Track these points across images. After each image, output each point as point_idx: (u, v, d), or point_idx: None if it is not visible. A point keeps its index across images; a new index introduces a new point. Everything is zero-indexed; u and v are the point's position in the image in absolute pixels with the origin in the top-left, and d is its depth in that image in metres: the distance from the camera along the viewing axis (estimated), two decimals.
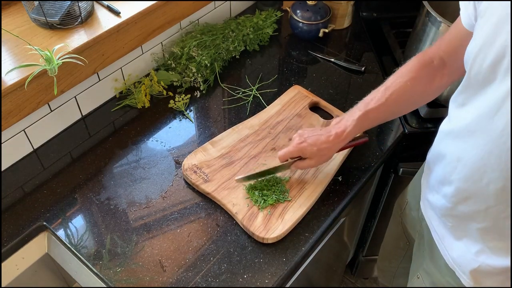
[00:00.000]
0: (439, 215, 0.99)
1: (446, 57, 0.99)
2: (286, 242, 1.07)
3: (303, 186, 1.15)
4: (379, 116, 1.06)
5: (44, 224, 1.10)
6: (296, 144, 1.07)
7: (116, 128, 1.30)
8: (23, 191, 1.16)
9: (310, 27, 1.54)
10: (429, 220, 1.05)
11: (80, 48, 1.13)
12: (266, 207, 1.10)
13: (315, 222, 1.11)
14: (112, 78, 1.34)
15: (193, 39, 1.43)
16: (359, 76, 1.49)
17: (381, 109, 1.03)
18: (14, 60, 1.08)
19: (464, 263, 0.94)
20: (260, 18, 1.58)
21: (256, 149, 1.23)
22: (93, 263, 1.03)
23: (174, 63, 1.41)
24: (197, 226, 1.09)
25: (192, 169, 1.17)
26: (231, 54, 1.50)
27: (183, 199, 1.14)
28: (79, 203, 1.13)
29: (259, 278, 1.01)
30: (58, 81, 1.13)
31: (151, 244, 1.06)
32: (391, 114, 1.10)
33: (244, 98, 1.39)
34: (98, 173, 1.19)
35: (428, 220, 1.05)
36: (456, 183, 0.88)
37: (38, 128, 1.21)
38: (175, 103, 1.33)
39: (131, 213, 1.12)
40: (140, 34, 1.28)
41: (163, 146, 1.26)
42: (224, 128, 1.29)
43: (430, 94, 1.06)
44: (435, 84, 1.02)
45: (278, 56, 1.55)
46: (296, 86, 1.41)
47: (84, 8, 1.17)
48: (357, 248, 1.91)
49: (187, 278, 1.01)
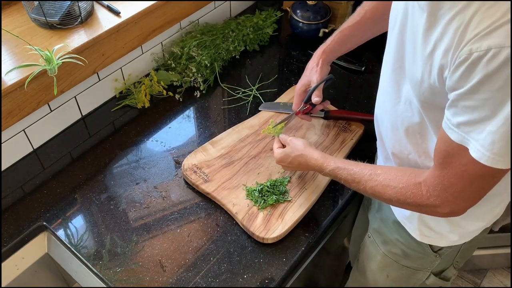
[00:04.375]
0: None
1: None
2: (286, 242, 1.07)
3: (303, 186, 1.15)
4: (356, 33, 1.15)
5: (44, 224, 1.10)
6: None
7: (116, 128, 1.30)
8: (23, 191, 1.16)
9: (310, 27, 1.54)
10: None
11: (80, 48, 1.13)
12: (266, 207, 1.10)
13: (315, 222, 1.11)
14: (112, 78, 1.34)
15: (193, 39, 1.43)
16: (359, 76, 1.49)
17: (356, 26, 1.13)
18: (14, 60, 1.08)
19: (410, 219, 1.02)
20: (260, 18, 1.58)
21: (256, 149, 1.23)
22: (93, 263, 1.03)
23: (174, 63, 1.41)
24: (197, 226, 1.09)
25: (192, 169, 1.17)
26: (231, 54, 1.50)
27: (183, 199, 1.14)
28: (79, 203, 1.13)
29: (259, 278, 1.01)
30: (58, 81, 1.13)
31: (151, 244, 1.06)
32: (368, 30, 1.15)
33: (244, 98, 1.39)
34: (98, 173, 1.19)
35: None
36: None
37: (38, 128, 1.21)
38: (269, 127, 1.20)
39: (131, 213, 1.12)
40: (140, 34, 1.28)
41: (163, 146, 1.26)
42: (224, 128, 1.29)
43: None
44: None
45: (278, 56, 1.55)
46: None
47: (84, 8, 1.17)
48: None
49: (187, 278, 1.01)
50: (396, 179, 0.86)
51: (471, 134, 0.68)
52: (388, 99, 0.93)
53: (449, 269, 1.14)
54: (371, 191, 0.90)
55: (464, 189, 0.75)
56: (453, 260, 1.11)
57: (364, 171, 0.92)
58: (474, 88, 0.65)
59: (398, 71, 0.87)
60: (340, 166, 0.96)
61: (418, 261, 1.09)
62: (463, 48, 0.65)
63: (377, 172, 0.90)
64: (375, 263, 1.18)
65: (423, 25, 0.74)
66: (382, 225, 1.12)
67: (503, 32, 0.61)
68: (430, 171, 0.81)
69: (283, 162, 1.09)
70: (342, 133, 1.28)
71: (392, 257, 1.12)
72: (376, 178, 0.89)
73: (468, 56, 0.64)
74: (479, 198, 0.78)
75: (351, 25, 1.14)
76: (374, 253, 1.17)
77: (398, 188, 0.85)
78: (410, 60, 0.81)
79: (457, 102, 0.69)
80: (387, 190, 0.87)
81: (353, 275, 1.35)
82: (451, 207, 0.79)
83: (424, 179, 0.81)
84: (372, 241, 1.17)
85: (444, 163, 0.76)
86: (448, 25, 0.68)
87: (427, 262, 1.09)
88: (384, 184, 0.87)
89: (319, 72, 1.15)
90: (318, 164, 1.01)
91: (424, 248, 1.05)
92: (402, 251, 1.09)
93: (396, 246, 1.09)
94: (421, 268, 1.11)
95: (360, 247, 1.24)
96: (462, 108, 0.69)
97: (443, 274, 1.14)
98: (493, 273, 2.07)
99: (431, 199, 0.80)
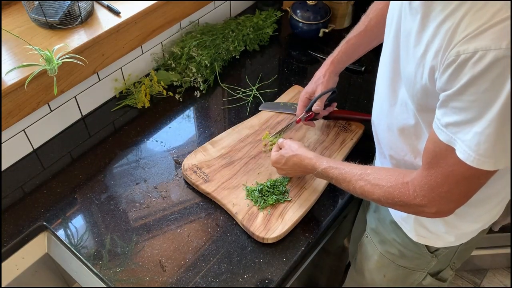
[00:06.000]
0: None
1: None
2: (286, 242, 1.07)
3: (303, 186, 1.15)
4: (362, 42, 1.15)
5: (44, 224, 1.10)
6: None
7: (116, 128, 1.30)
8: (23, 191, 1.16)
9: (310, 27, 1.54)
10: None
11: (80, 48, 1.13)
12: (266, 207, 1.10)
13: (315, 222, 1.11)
14: (112, 78, 1.34)
15: (193, 39, 1.43)
16: (359, 76, 1.49)
17: (362, 35, 1.13)
18: (14, 60, 1.08)
19: (406, 219, 1.02)
20: (260, 18, 1.58)
21: (256, 149, 1.23)
22: (93, 263, 1.03)
23: (174, 63, 1.41)
24: (197, 226, 1.09)
25: (192, 169, 1.17)
26: (231, 54, 1.50)
27: (183, 199, 1.14)
28: (79, 203, 1.13)
29: (259, 278, 1.01)
30: (58, 81, 1.13)
31: (151, 244, 1.06)
32: (374, 37, 1.14)
33: (244, 98, 1.39)
34: (98, 173, 1.19)
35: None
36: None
37: (38, 128, 1.21)
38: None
39: (131, 213, 1.12)
40: (140, 34, 1.28)
41: (163, 146, 1.26)
42: (224, 128, 1.29)
43: None
44: None
45: (278, 56, 1.55)
46: (296, 86, 1.41)
47: (84, 8, 1.17)
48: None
49: (187, 278, 1.01)
50: (385, 178, 0.87)
51: (458, 135, 0.69)
52: (385, 101, 0.94)
53: (446, 270, 1.14)
54: (360, 191, 0.91)
55: (451, 190, 0.76)
56: (450, 261, 1.12)
57: (354, 170, 0.93)
58: (461, 89, 0.66)
59: (394, 73, 0.88)
60: (332, 166, 0.98)
61: (415, 261, 1.09)
62: (451, 49, 0.66)
63: (367, 171, 0.91)
64: (372, 263, 1.18)
65: (416, 27, 0.74)
66: (380, 225, 1.12)
67: (490, 35, 0.62)
68: (418, 171, 0.81)
69: (278, 163, 1.10)
70: (342, 133, 1.28)
71: (389, 257, 1.12)
72: (366, 178, 0.90)
73: (456, 58, 0.65)
74: (466, 199, 0.78)
75: (357, 35, 1.15)
76: (372, 253, 1.17)
77: (386, 187, 0.86)
78: (404, 62, 0.81)
79: (446, 102, 0.70)
80: (375, 189, 0.87)
81: (351, 275, 1.35)
82: (438, 207, 0.80)
83: (412, 179, 0.82)
84: (370, 240, 1.17)
85: (431, 163, 0.77)
86: (439, 27, 0.69)
87: (423, 262, 1.09)
88: (373, 183, 0.88)
89: (325, 84, 1.18)
90: (312, 164, 1.02)
91: (421, 249, 1.05)
92: (399, 251, 1.09)
93: (393, 246, 1.09)
94: (417, 268, 1.11)
95: (358, 246, 1.24)
96: (451, 108, 0.69)
97: (440, 275, 1.15)
98: (493, 273, 2.07)
99: (417, 199, 0.80)
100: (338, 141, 1.25)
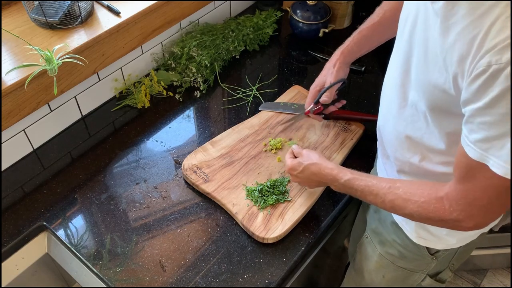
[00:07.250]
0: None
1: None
2: (286, 242, 1.07)
3: (303, 186, 1.15)
4: (375, 34, 1.13)
5: (44, 224, 1.10)
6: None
7: (116, 128, 1.30)
8: (23, 191, 1.16)
9: (310, 27, 1.54)
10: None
11: (80, 48, 1.13)
12: (266, 207, 1.10)
13: (315, 222, 1.11)
14: (112, 78, 1.34)
15: (193, 39, 1.43)
16: (359, 76, 1.49)
17: (374, 26, 1.11)
18: (14, 60, 1.08)
19: (408, 220, 1.01)
20: (260, 18, 1.58)
21: (256, 149, 1.23)
22: (93, 263, 1.03)
23: (174, 63, 1.41)
24: (197, 226, 1.09)
25: (192, 169, 1.17)
26: (231, 54, 1.50)
27: (183, 199, 1.14)
28: (79, 203, 1.13)
29: (259, 278, 1.01)
30: (58, 81, 1.13)
31: (151, 244, 1.06)
32: (387, 30, 1.11)
33: (244, 98, 1.39)
34: (98, 173, 1.19)
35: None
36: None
37: (38, 128, 1.21)
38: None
39: (131, 213, 1.12)
40: (140, 34, 1.28)
41: (163, 146, 1.26)
42: (224, 128, 1.29)
43: None
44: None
45: (278, 56, 1.55)
46: (296, 86, 1.41)
47: (84, 8, 1.17)
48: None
49: (187, 278, 1.01)
50: (417, 193, 0.83)
51: (490, 151, 0.67)
52: (393, 103, 0.93)
53: (445, 271, 1.14)
54: (390, 205, 0.87)
55: (490, 202, 0.73)
56: (449, 263, 1.11)
57: (382, 183, 0.89)
58: (492, 102, 0.63)
59: (405, 75, 0.86)
60: (357, 177, 0.94)
61: (414, 262, 1.09)
62: (481, 59, 0.63)
63: (396, 185, 0.87)
64: (372, 263, 1.18)
65: (437, 30, 0.72)
66: (380, 225, 1.12)
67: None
68: (451, 185, 0.78)
69: (295, 170, 1.05)
70: (342, 133, 1.28)
71: (389, 258, 1.12)
72: (395, 192, 0.86)
73: (487, 68, 0.62)
74: (506, 209, 0.76)
75: (369, 26, 1.12)
76: (371, 253, 1.17)
77: (419, 202, 0.82)
78: (421, 64, 0.79)
79: (473, 118, 0.67)
80: (408, 204, 0.84)
81: (350, 274, 1.35)
82: (476, 221, 0.77)
83: (446, 193, 0.78)
84: (370, 241, 1.17)
85: (466, 177, 0.74)
86: (463, 33, 0.66)
87: (423, 264, 1.09)
88: (405, 198, 0.84)
89: (335, 74, 1.15)
90: (333, 174, 0.98)
91: (421, 250, 1.05)
92: (399, 252, 1.09)
93: (393, 247, 1.09)
94: (417, 269, 1.11)
95: (357, 246, 1.24)
96: (478, 124, 0.67)
97: (439, 276, 1.15)
98: (493, 273, 2.07)
99: (454, 214, 0.77)
100: (338, 141, 1.25)
